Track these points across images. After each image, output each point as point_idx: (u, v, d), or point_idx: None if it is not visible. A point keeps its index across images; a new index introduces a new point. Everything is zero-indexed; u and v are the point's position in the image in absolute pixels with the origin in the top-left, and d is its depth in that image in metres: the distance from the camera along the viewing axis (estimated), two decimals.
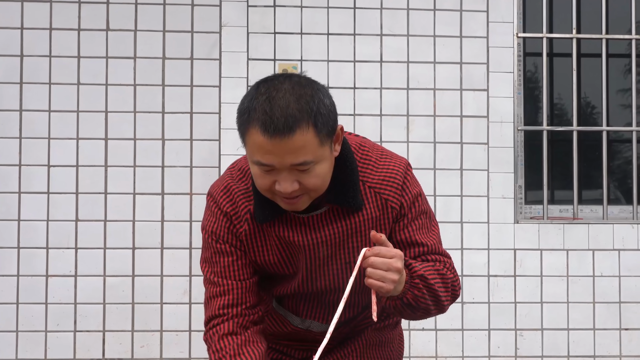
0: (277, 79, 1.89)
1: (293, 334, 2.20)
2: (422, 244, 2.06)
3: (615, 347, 4.14)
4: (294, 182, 1.87)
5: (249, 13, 4.08)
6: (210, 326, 2.05)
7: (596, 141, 4.33)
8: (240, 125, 1.88)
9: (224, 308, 2.04)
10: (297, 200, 1.91)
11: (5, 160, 3.96)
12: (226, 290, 2.04)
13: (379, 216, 2.03)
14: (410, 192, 2.06)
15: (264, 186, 1.90)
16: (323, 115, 1.85)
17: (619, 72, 4.51)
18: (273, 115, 1.80)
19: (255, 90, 1.88)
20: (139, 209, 3.99)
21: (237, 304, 2.04)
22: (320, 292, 2.11)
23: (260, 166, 1.86)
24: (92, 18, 4.02)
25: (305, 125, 1.82)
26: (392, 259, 1.87)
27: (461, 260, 4.07)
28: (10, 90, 3.98)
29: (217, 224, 2.05)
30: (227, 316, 2.03)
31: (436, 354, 4.06)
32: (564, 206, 4.31)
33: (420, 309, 2.00)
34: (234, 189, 2.04)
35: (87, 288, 3.95)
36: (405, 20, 4.14)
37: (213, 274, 2.06)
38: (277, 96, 1.83)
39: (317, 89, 1.88)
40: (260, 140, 1.82)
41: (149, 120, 4.02)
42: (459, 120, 4.14)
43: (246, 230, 2.03)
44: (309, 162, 1.85)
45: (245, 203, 2.03)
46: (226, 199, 2.04)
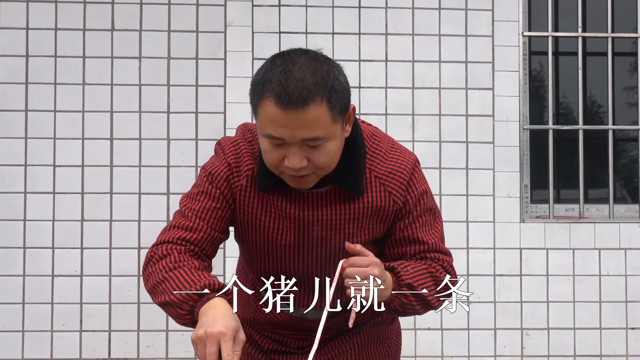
0: (294, 52, 1.88)
1: (288, 323, 2.17)
2: (423, 242, 2.05)
3: (621, 347, 4.13)
4: (303, 158, 1.86)
5: (253, 13, 4.08)
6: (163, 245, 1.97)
7: (602, 140, 4.32)
8: (254, 96, 1.87)
9: (184, 240, 1.97)
10: (305, 178, 1.90)
11: (11, 160, 3.97)
12: (194, 228, 1.99)
13: (379, 207, 2.02)
14: (417, 190, 2.05)
15: (272, 161, 1.89)
16: (338, 91, 1.85)
17: (624, 71, 4.50)
18: (288, 87, 1.80)
19: (270, 63, 1.87)
20: (144, 208, 3.99)
21: (198, 244, 1.98)
22: (310, 278, 2.07)
23: (271, 139, 1.85)
24: (97, 18, 4.03)
25: (320, 100, 1.81)
26: (368, 267, 1.88)
27: (467, 260, 4.07)
28: (15, 90, 3.99)
29: (219, 169, 2.02)
30: (183, 247, 1.96)
31: (442, 354, 4.06)
32: (569, 205, 4.30)
33: (407, 314, 2.02)
34: (242, 146, 2.03)
35: (93, 288, 3.96)
36: (410, 20, 4.14)
37: (189, 209, 2.01)
38: (293, 69, 1.82)
39: (333, 66, 1.89)
40: (273, 112, 1.81)
41: (154, 120, 4.02)
42: (464, 119, 4.13)
43: (243, 185, 2.01)
44: (321, 137, 1.84)
45: (249, 161, 2.02)
46: (233, 151, 2.03)
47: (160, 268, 1.92)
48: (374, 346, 2.24)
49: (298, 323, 2.17)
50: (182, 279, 1.87)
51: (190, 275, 1.87)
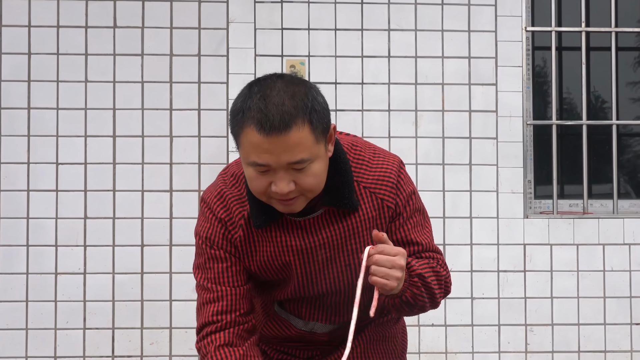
0: (269, 78, 1.88)
1: (297, 337, 2.19)
2: (417, 242, 2.06)
3: (626, 342, 4.12)
4: (290, 182, 1.86)
5: (256, 9, 4.07)
6: (204, 334, 2.05)
7: (606, 135, 4.31)
8: (234, 125, 1.86)
9: (217, 314, 2.03)
10: (294, 201, 1.90)
11: (14, 158, 3.97)
12: (220, 297, 2.03)
13: (375, 216, 2.02)
14: (405, 191, 2.05)
15: (259, 189, 1.89)
16: (318, 112, 1.85)
17: (628, 66, 4.49)
18: (269, 113, 1.79)
19: (248, 90, 1.87)
20: (147, 206, 3.99)
21: (231, 311, 2.03)
22: (322, 295, 2.10)
23: (256, 167, 1.85)
24: (100, 15, 4.02)
25: (301, 122, 1.81)
26: (396, 257, 1.88)
27: (470, 256, 4.06)
28: (18, 88, 3.98)
29: (212, 230, 2.03)
30: (221, 323, 2.02)
31: (446, 350, 4.05)
32: (573, 201, 4.29)
33: (417, 307, 2.01)
34: (228, 195, 2.03)
35: (96, 285, 3.96)
36: (412, 15, 4.13)
37: (206, 280, 2.05)
38: (272, 94, 1.82)
39: (310, 87, 1.88)
40: (256, 139, 1.81)
41: (156, 117, 4.02)
42: (468, 115, 4.12)
43: (241, 236, 2.02)
44: (306, 159, 1.84)
45: (239, 209, 2.01)
46: (220, 204, 2.03)
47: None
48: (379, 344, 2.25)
49: (307, 337, 2.19)
50: None
51: None
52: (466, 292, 4.04)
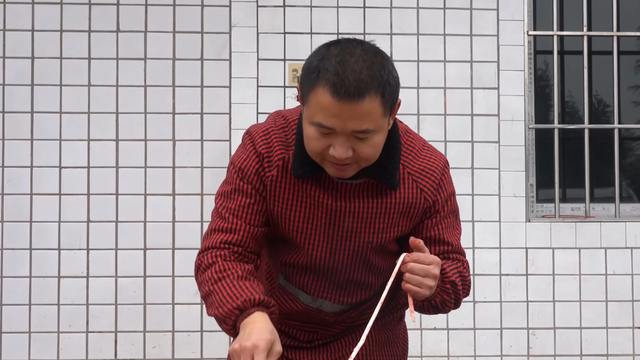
0: (350, 43, 1.88)
1: (302, 313, 2.17)
2: (448, 242, 2.08)
3: (628, 346, 4.12)
4: (349, 149, 1.86)
5: (258, 13, 4.08)
6: (209, 253, 2.00)
7: (608, 139, 4.31)
8: (307, 83, 1.86)
9: (226, 243, 1.99)
10: (347, 167, 1.90)
11: (17, 162, 3.98)
12: (233, 229, 2.00)
13: (410, 204, 2.03)
14: (446, 190, 2.07)
15: (316, 149, 1.88)
16: (391, 86, 1.86)
17: (630, 69, 4.49)
18: (346, 78, 1.79)
19: (326, 51, 1.86)
20: (150, 209, 4.00)
21: (240, 244, 2.00)
22: (334, 270, 2.09)
23: (320, 128, 1.85)
24: (103, 20, 4.03)
25: (375, 93, 1.81)
26: (430, 266, 1.89)
27: (473, 259, 4.06)
28: (21, 92, 4.00)
29: (248, 162, 2.02)
30: (227, 251, 1.99)
31: (448, 353, 4.06)
32: (575, 204, 4.29)
33: (442, 310, 2.04)
34: (274, 134, 2.02)
35: (99, 289, 3.97)
36: (415, 19, 4.14)
37: (225, 209, 2.02)
38: (350, 60, 1.82)
39: (387, 59, 1.88)
40: (327, 101, 1.81)
41: (159, 121, 4.03)
42: (470, 118, 4.13)
43: (274, 175, 2.00)
44: (371, 130, 1.84)
45: (281, 150, 2.01)
46: (264, 140, 2.02)
47: (206, 279, 1.96)
48: (384, 347, 2.25)
49: (313, 314, 2.17)
50: (225, 292, 1.91)
51: (233, 289, 1.91)
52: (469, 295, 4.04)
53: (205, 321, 3.97)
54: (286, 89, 4.06)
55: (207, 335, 3.97)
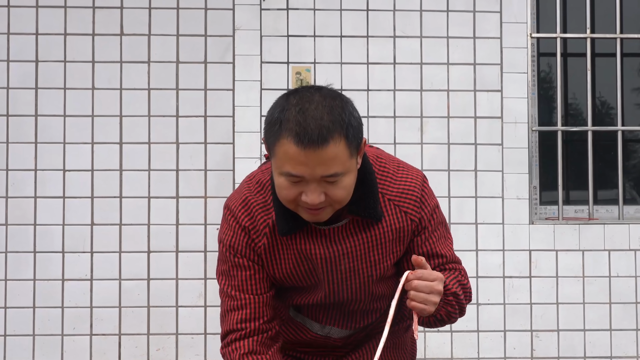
0: (307, 90, 1.90)
1: (312, 341, 2.21)
2: (442, 255, 2.09)
3: (632, 348, 4.12)
4: (321, 193, 1.88)
5: (262, 16, 4.09)
6: (229, 341, 2.05)
7: (611, 141, 4.31)
8: (271, 136, 1.87)
9: (241, 322, 2.04)
10: (321, 211, 1.92)
11: (21, 165, 3.98)
12: (244, 305, 2.04)
13: (399, 228, 2.05)
14: (429, 205, 2.08)
15: (289, 197, 1.90)
16: (354, 127, 1.88)
17: (633, 72, 4.49)
18: (307, 127, 1.81)
19: (285, 101, 1.88)
20: (153, 212, 4.01)
21: (254, 318, 2.04)
22: (340, 304, 2.12)
23: (289, 177, 1.87)
24: (106, 23, 4.04)
25: (338, 137, 1.83)
26: (434, 282, 1.91)
27: (476, 262, 4.06)
28: (25, 95, 4.00)
29: (235, 239, 2.04)
30: (245, 331, 2.04)
31: (452, 356, 4.06)
32: (579, 206, 4.29)
33: (448, 322, 2.06)
34: (253, 202, 2.04)
35: (103, 292, 3.97)
36: (418, 22, 4.14)
37: (230, 287, 2.06)
38: (310, 107, 1.84)
39: (346, 102, 1.91)
40: (292, 151, 1.82)
41: (163, 124, 4.03)
42: (473, 121, 4.13)
43: (265, 244, 2.03)
44: (339, 173, 1.86)
45: (264, 217, 2.03)
46: (245, 212, 2.04)
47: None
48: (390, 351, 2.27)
49: (321, 341, 2.21)
50: None
51: None
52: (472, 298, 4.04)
53: (209, 324, 3.98)
54: None
55: (211, 338, 3.98)
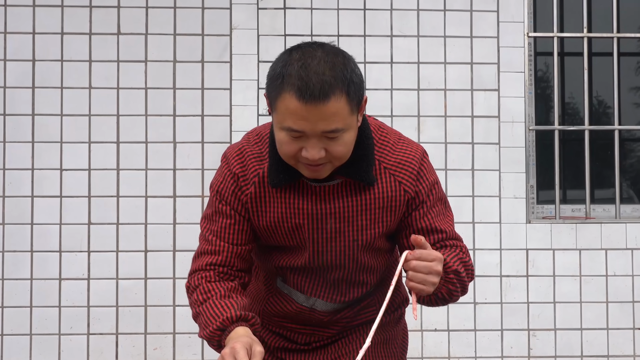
0: (310, 46, 1.91)
1: (297, 313, 2.19)
2: (441, 230, 2.10)
3: (629, 347, 4.12)
4: (322, 149, 1.89)
5: (259, 15, 4.09)
6: (194, 274, 2.08)
7: (608, 140, 4.32)
8: (272, 90, 1.89)
9: (211, 265, 2.07)
10: (321, 167, 1.94)
11: (18, 164, 3.98)
12: (218, 251, 2.07)
13: (390, 197, 2.05)
14: (427, 180, 2.09)
15: (289, 152, 1.92)
16: (355, 84, 1.89)
17: (630, 71, 4.49)
18: (309, 81, 1.83)
19: (288, 56, 1.90)
20: (151, 211, 4.01)
21: (225, 265, 2.07)
22: (325, 269, 2.12)
23: (290, 132, 1.88)
24: (103, 22, 4.04)
25: (340, 93, 1.85)
26: (433, 262, 1.91)
27: (473, 261, 4.06)
28: (22, 94, 4.00)
29: (224, 185, 2.07)
30: (213, 272, 2.06)
31: (449, 355, 4.06)
32: (576, 205, 4.29)
33: (450, 300, 2.06)
34: (248, 151, 2.07)
35: (100, 291, 3.97)
36: (415, 21, 4.14)
37: (209, 232, 2.09)
38: (312, 63, 1.85)
39: (348, 59, 1.92)
40: (294, 106, 1.84)
41: (160, 123, 4.04)
42: (470, 120, 4.13)
43: (252, 192, 2.05)
44: (340, 129, 1.88)
45: (255, 166, 2.05)
46: (238, 160, 2.07)
47: (193, 301, 2.04)
48: (381, 347, 2.26)
49: (307, 314, 2.19)
50: (208, 313, 1.98)
51: (215, 309, 1.98)
52: (469, 297, 4.05)
53: None
54: None
55: None
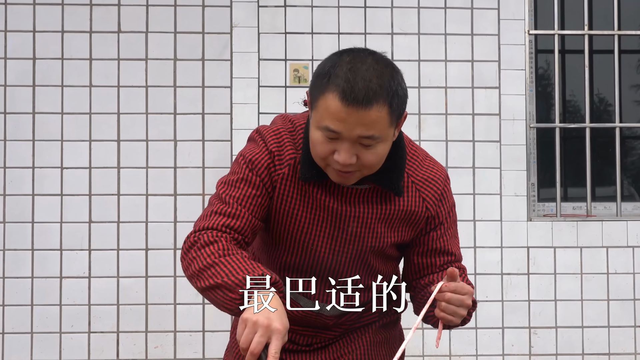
0: (362, 52, 1.92)
1: (302, 318, 2.18)
2: (453, 253, 2.14)
3: (630, 345, 4.12)
4: (353, 155, 1.89)
5: (259, 13, 4.09)
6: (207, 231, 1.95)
7: (609, 138, 4.31)
8: (317, 87, 1.90)
9: (228, 227, 1.96)
10: (350, 174, 1.94)
11: (19, 162, 3.98)
12: (237, 216, 1.97)
13: (412, 211, 2.07)
14: (449, 202, 2.12)
15: (321, 153, 1.92)
16: (400, 97, 1.89)
17: (631, 68, 4.49)
18: (355, 85, 1.83)
19: (338, 58, 1.91)
20: (151, 210, 4.01)
21: (241, 232, 1.98)
22: (335, 273, 2.10)
23: (326, 132, 1.88)
24: (104, 20, 4.04)
25: (383, 102, 1.85)
26: (465, 296, 1.94)
27: (474, 259, 4.06)
28: (23, 93, 4.00)
29: (260, 156, 2.03)
30: (227, 235, 1.95)
31: (450, 353, 4.06)
32: (577, 203, 4.29)
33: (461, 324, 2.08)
34: (284, 135, 2.05)
35: (101, 289, 3.97)
36: (415, 19, 4.14)
37: (229, 196, 2.00)
38: (362, 68, 1.86)
39: (397, 71, 1.92)
40: (335, 106, 1.84)
41: (160, 122, 4.03)
42: (471, 118, 4.13)
43: (285, 173, 2.03)
44: (376, 137, 1.88)
45: (291, 150, 2.04)
46: (275, 140, 2.04)
47: (208, 253, 1.89)
48: (380, 346, 2.27)
49: (313, 319, 2.18)
50: (236, 265, 1.85)
51: (245, 264, 1.86)
52: None
53: (207, 321, 3.98)
54: (287, 89, 4.07)
55: (209, 335, 3.98)
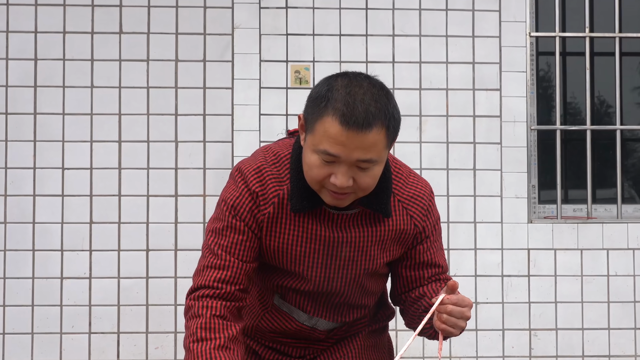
0: (357, 76, 1.93)
1: (297, 331, 2.20)
2: (439, 265, 2.16)
3: (630, 347, 4.12)
4: (350, 178, 1.90)
5: (261, 15, 4.09)
6: (200, 295, 2.00)
7: (610, 140, 4.32)
8: (314, 111, 1.90)
9: (219, 282, 2.00)
10: (345, 196, 1.94)
11: (20, 163, 3.98)
12: (227, 266, 2.01)
13: (402, 230, 2.08)
14: (434, 216, 2.14)
15: (317, 177, 1.92)
16: (395, 120, 1.91)
17: (632, 71, 4.49)
18: (355, 109, 1.84)
19: (334, 81, 1.91)
20: (152, 211, 4.01)
21: (232, 282, 2.00)
22: (331, 293, 2.13)
23: (325, 156, 1.88)
24: (105, 21, 4.04)
25: (381, 125, 1.86)
26: (465, 308, 1.96)
27: (475, 261, 4.06)
28: (24, 93, 4.01)
29: (240, 200, 2.02)
30: (220, 291, 1.99)
31: (450, 355, 4.06)
32: (577, 205, 4.29)
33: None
34: (267, 171, 2.03)
35: (102, 290, 3.97)
36: (417, 21, 4.14)
37: (218, 245, 2.03)
38: (359, 92, 1.87)
39: (391, 96, 1.94)
40: (335, 130, 1.85)
41: (162, 123, 4.04)
42: (472, 120, 4.13)
43: (270, 213, 2.02)
44: (374, 160, 1.89)
45: (275, 187, 2.02)
46: (257, 178, 2.03)
47: (191, 332, 1.97)
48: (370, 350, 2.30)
49: (306, 332, 2.20)
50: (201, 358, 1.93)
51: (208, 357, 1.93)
52: (470, 296, 4.05)
53: None
54: (288, 90, 4.07)
55: None
